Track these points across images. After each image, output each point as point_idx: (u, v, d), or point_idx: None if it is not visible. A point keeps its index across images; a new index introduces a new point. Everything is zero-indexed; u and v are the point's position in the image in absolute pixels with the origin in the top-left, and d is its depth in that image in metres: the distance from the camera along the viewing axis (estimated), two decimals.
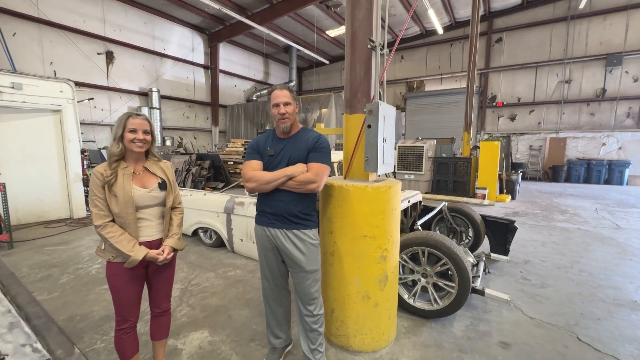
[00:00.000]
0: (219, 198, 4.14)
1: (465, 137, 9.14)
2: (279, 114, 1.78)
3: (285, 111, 1.76)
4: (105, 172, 1.52)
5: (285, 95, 1.77)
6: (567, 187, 11.67)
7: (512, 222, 3.71)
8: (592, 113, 13.05)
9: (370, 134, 2.01)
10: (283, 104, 1.77)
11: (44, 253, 4.06)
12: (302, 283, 1.83)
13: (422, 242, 2.49)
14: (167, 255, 1.61)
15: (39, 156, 5.44)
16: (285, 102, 1.77)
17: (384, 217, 2.02)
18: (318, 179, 1.73)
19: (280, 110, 1.77)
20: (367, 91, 2.17)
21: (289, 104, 1.78)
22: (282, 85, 1.86)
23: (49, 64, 9.74)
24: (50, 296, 2.90)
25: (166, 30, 13.02)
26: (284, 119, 1.78)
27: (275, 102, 1.78)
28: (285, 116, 1.77)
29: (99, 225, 1.50)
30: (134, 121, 1.58)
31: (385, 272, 2.08)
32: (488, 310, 2.71)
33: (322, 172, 1.75)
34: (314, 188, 1.73)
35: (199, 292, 3.00)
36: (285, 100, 1.77)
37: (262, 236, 1.87)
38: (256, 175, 1.77)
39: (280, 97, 1.77)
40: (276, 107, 1.78)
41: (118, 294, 1.59)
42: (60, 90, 5.47)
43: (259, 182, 1.75)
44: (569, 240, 4.78)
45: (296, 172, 1.72)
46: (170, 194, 1.71)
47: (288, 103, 1.78)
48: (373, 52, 2.10)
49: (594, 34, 12.72)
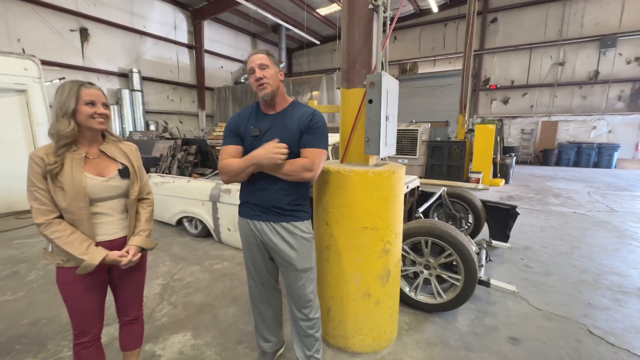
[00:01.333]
0: (203, 185, 3.84)
1: (460, 121, 8.94)
2: (255, 80, 1.44)
3: (263, 75, 1.43)
4: (48, 158, 1.21)
5: (261, 58, 1.45)
6: (558, 170, 11.71)
7: (513, 208, 3.54)
8: (585, 96, 12.99)
9: (372, 111, 1.74)
10: (258, 66, 1.43)
11: (11, 247, 3.72)
12: (294, 283, 1.58)
13: (426, 231, 2.28)
14: (132, 257, 1.34)
15: (5, 141, 4.97)
16: (261, 64, 1.44)
17: (387, 206, 1.78)
18: (315, 167, 1.44)
19: (256, 75, 1.43)
20: (367, 61, 1.87)
21: (266, 66, 1.44)
22: (257, 49, 1.53)
23: (16, 41, 8.96)
24: (13, 296, 2.60)
25: (146, 6, 12.15)
26: (262, 84, 1.44)
27: (250, 67, 1.45)
28: (263, 81, 1.43)
29: (41, 224, 1.20)
30: (90, 92, 1.26)
31: (388, 267, 1.86)
32: (492, 301, 2.55)
33: (319, 159, 1.46)
34: (310, 177, 1.45)
35: (182, 288, 2.75)
36: (260, 62, 1.44)
37: (246, 230, 1.60)
38: (227, 166, 1.47)
39: (255, 61, 1.44)
40: (252, 74, 1.45)
41: (74, 305, 1.32)
42: (24, 68, 4.95)
43: (229, 173, 1.47)
44: (567, 225, 4.69)
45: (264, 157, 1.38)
46: (135, 182, 1.42)
47: (265, 66, 1.44)
48: (375, 14, 1.79)
49: (590, 14, 12.47)
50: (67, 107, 1.24)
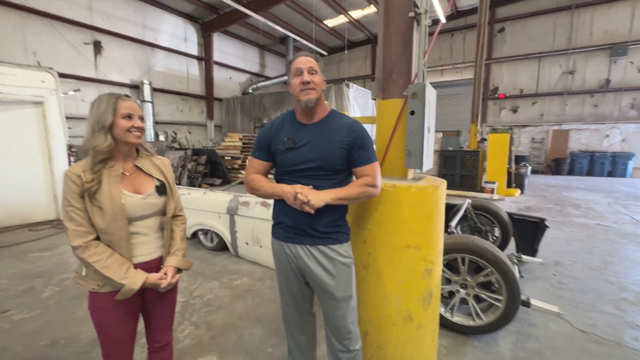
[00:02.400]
0: (220, 197, 3.76)
1: (472, 130, 8.84)
2: (301, 83, 1.32)
3: (311, 79, 1.32)
4: (85, 175, 1.14)
5: (311, 62, 1.35)
6: (571, 180, 11.48)
7: (542, 220, 3.40)
8: (596, 104, 12.84)
9: (414, 123, 1.66)
10: (307, 70, 1.33)
11: (27, 260, 3.66)
12: (332, 313, 1.45)
13: (463, 248, 2.16)
14: (171, 280, 1.25)
15: (20, 153, 4.97)
16: (311, 67, 1.34)
17: (430, 223, 1.68)
18: (379, 182, 1.37)
19: (303, 78, 1.32)
20: (405, 70, 1.80)
21: (315, 72, 1.35)
22: (306, 52, 1.41)
23: (32, 54, 9.13)
24: (30, 314, 2.52)
25: (157, 20, 12.39)
26: (308, 89, 1.32)
27: (297, 68, 1.34)
28: (310, 86, 1.32)
29: (78, 247, 1.11)
30: (127, 104, 1.20)
31: (430, 289, 1.74)
32: (532, 322, 2.40)
33: (378, 172, 1.39)
34: (377, 194, 1.39)
35: (203, 306, 2.64)
36: (310, 65, 1.34)
37: (280, 253, 1.49)
38: (253, 183, 1.44)
39: (304, 63, 1.34)
40: (298, 76, 1.34)
41: (107, 334, 1.22)
42: (42, 80, 4.99)
43: (255, 192, 1.45)
44: (593, 238, 4.52)
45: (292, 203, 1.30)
46: (171, 199, 1.34)
47: (314, 71, 1.34)
48: (415, 23, 1.73)
49: (598, 23, 12.44)
50: (104, 120, 1.17)
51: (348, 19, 14.52)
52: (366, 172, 1.37)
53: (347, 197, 1.34)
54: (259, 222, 3.36)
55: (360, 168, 1.39)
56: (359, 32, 16.52)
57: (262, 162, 1.48)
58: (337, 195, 1.32)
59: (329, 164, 1.37)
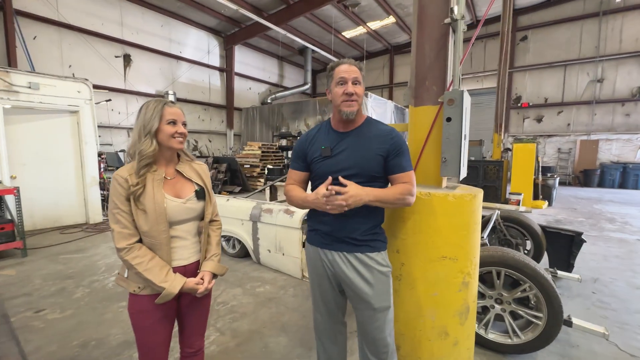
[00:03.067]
0: (244, 204, 3.80)
1: (495, 139, 8.60)
2: (344, 93, 1.31)
3: (354, 91, 1.31)
4: (131, 178, 1.17)
5: (355, 72, 1.33)
6: (602, 192, 10.90)
7: (579, 234, 3.22)
8: (628, 114, 12.23)
9: (450, 130, 1.62)
10: (352, 81, 1.32)
11: (59, 262, 3.80)
12: (369, 324, 1.39)
13: (499, 261, 2.06)
14: (208, 285, 1.25)
15: (55, 159, 5.24)
16: (356, 78, 1.32)
17: (468, 234, 1.61)
18: (415, 192, 1.35)
19: (347, 89, 1.30)
20: (439, 77, 1.77)
21: (358, 83, 1.33)
22: (349, 59, 1.38)
23: (67, 67, 9.71)
24: (62, 315, 2.59)
25: (182, 33, 12.95)
26: (351, 101, 1.31)
27: (342, 77, 1.32)
28: (353, 98, 1.31)
29: (122, 248, 1.14)
30: (172, 110, 1.23)
31: (467, 303, 1.66)
32: (574, 343, 2.24)
33: (414, 182, 1.37)
34: (411, 203, 1.36)
35: (227, 313, 2.63)
36: (355, 76, 1.32)
37: (315, 260, 1.46)
38: (290, 194, 1.47)
39: (348, 72, 1.31)
40: (341, 85, 1.32)
41: (145, 337, 1.23)
42: (78, 91, 5.28)
43: (291, 202, 1.47)
44: (634, 254, 4.23)
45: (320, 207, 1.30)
46: (209, 204, 1.35)
47: (358, 82, 1.33)
48: (450, 29, 1.71)
49: (628, 30, 11.96)
50: (151, 126, 1.21)
51: (366, 30, 14.66)
52: (405, 179, 1.35)
53: (386, 199, 1.31)
54: (282, 230, 3.35)
55: (397, 175, 1.36)
56: (377, 43, 16.63)
57: (299, 172, 1.49)
58: (377, 196, 1.29)
59: (365, 171, 1.35)
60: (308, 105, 12.96)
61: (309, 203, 1.36)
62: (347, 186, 1.25)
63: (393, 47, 17.29)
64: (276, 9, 12.25)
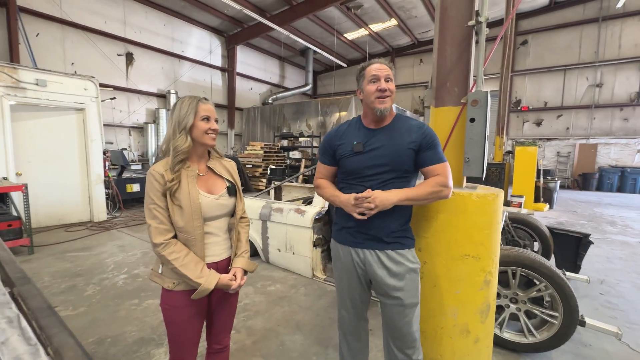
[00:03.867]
0: (253, 203, 3.80)
1: (497, 142, 8.66)
2: (378, 90, 1.33)
3: (387, 88, 1.34)
4: (167, 174, 1.18)
5: (387, 70, 1.36)
6: (601, 195, 11.01)
7: (586, 236, 3.27)
8: (626, 118, 12.38)
9: (474, 130, 1.64)
10: (384, 78, 1.34)
11: (66, 260, 3.78)
12: (398, 319, 1.41)
13: (514, 261, 2.09)
14: (240, 281, 1.26)
15: (61, 156, 5.22)
16: (388, 76, 1.35)
17: (490, 233, 1.63)
18: (450, 182, 1.35)
19: (380, 86, 1.33)
20: (461, 79, 1.79)
21: (390, 80, 1.36)
22: (381, 59, 1.41)
23: (70, 65, 9.67)
24: (75, 312, 2.58)
25: (185, 33, 12.94)
26: (384, 97, 1.34)
27: (374, 75, 1.35)
28: (387, 93, 1.34)
29: (159, 244, 1.14)
30: (206, 107, 1.24)
31: (488, 301, 1.68)
32: (586, 342, 2.27)
33: (449, 171, 1.37)
34: (448, 194, 1.37)
35: (241, 311, 2.64)
36: (387, 74, 1.35)
37: (346, 258, 1.48)
38: (319, 188, 1.55)
39: (380, 70, 1.35)
40: (374, 83, 1.35)
41: (178, 332, 1.24)
42: (85, 88, 5.26)
43: (324, 197, 1.52)
44: (637, 256, 4.28)
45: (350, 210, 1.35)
46: (240, 200, 1.37)
47: (390, 79, 1.36)
48: (474, 32, 1.73)
49: (627, 35, 12.11)
50: (186, 122, 1.22)
51: (368, 32, 14.73)
52: (438, 171, 1.36)
53: (417, 197, 1.32)
54: (293, 229, 3.37)
55: (430, 167, 1.37)
56: (379, 45, 16.70)
57: (328, 166, 1.52)
58: (407, 195, 1.31)
59: (398, 166, 1.38)
60: (309, 106, 12.99)
61: (339, 202, 1.40)
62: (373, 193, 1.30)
63: (394, 49, 17.36)
64: (279, 10, 12.28)
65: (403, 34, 15.42)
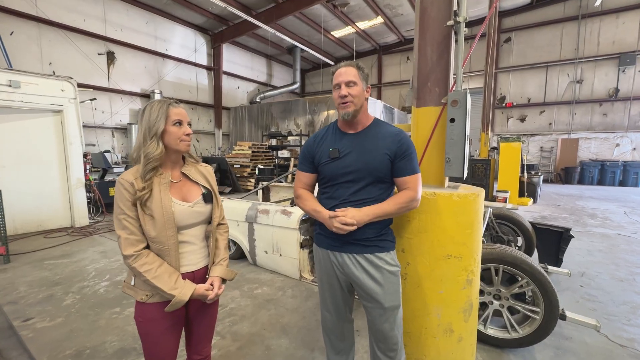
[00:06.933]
0: (239, 205, 3.75)
1: (482, 138, 8.81)
2: (339, 97, 1.35)
3: (347, 93, 1.32)
4: (137, 183, 1.13)
5: (349, 73, 1.34)
6: (582, 189, 11.35)
7: (567, 230, 3.35)
8: (605, 113, 12.78)
9: (454, 130, 1.64)
10: (345, 83, 1.33)
11: (44, 268, 3.65)
12: (379, 323, 1.41)
13: (497, 258, 2.11)
14: (218, 291, 1.22)
15: (38, 160, 5.03)
16: (348, 81, 1.33)
17: (472, 232, 1.64)
18: (420, 195, 1.37)
19: (340, 92, 1.33)
20: (442, 79, 1.79)
21: (353, 84, 1.33)
22: (348, 62, 1.39)
23: (47, 64, 9.32)
24: (52, 323, 2.49)
25: (168, 31, 12.65)
26: (345, 103, 1.34)
27: (336, 82, 1.36)
28: (347, 99, 1.33)
29: (130, 256, 1.09)
30: (177, 111, 1.19)
31: (471, 300, 1.70)
32: (567, 335, 2.32)
33: (420, 184, 1.38)
34: (417, 206, 1.38)
35: (226, 316, 2.59)
36: (348, 79, 1.33)
37: (325, 261, 1.47)
38: (299, 199, 1.50)
39: (342, 76, 1.34)
40: (336, 89, 1.36)
41: (153, 346, 1.19)
42: (62, 89, 5.07)
43: (304, 209, 1.48)
44: (615, 248, 4.42)
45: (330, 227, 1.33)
46: (217, 207, 1.33)
47: (353, 83, 1.33)
48: (453, 32, 1.73)
49: (606, 33, 12.48)
50: (157, 127, 1.16)
51: (355, 29, 14.73)
52: (408, 183, 1.36)
53: (388, 213, 1.34)
54: (279, 231, 3.33)
55: (402, 179, 1.37)
56: (366, 43, 16.73)
57: (308, 174, 1.49)
58: (375, 213, 1.32)
59: (372, 172, 1.36)
60: (297, 105, 12.91)
61: (321, 218, 1.39)
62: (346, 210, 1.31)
63: (381, 47, 17.43)
64: (265, 8, 12.14)
65: (390, 32, 15.48)
